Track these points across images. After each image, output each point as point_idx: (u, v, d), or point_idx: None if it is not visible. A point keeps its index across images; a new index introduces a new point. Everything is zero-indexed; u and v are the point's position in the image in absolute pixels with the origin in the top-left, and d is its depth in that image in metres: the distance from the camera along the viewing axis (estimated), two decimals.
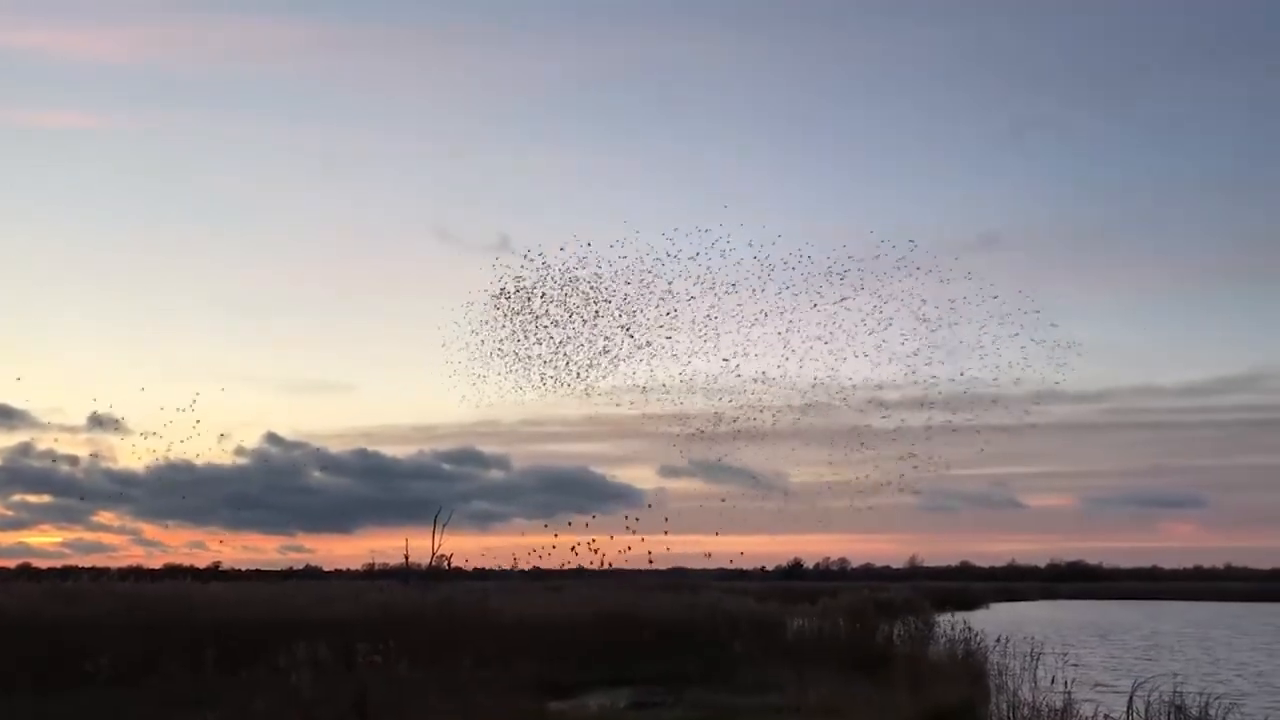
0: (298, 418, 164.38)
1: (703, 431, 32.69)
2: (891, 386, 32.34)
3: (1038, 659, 22.60)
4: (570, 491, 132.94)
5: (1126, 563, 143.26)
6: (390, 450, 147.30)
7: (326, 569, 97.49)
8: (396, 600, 25.40)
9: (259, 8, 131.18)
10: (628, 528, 28.93)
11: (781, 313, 31.69)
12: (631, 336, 31.51)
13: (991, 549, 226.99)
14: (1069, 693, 17.89)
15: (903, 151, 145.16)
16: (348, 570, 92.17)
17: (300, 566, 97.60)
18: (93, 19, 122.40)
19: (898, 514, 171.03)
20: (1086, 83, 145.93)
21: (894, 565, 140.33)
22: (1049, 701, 17.00)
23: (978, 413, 31.84)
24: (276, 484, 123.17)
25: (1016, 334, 31.17)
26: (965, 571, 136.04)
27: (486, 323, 31.44)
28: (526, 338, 31.22)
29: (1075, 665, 23.78)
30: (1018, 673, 21.35)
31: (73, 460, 46.37)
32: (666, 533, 28.80)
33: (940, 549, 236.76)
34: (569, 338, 31.33)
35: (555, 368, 31.38)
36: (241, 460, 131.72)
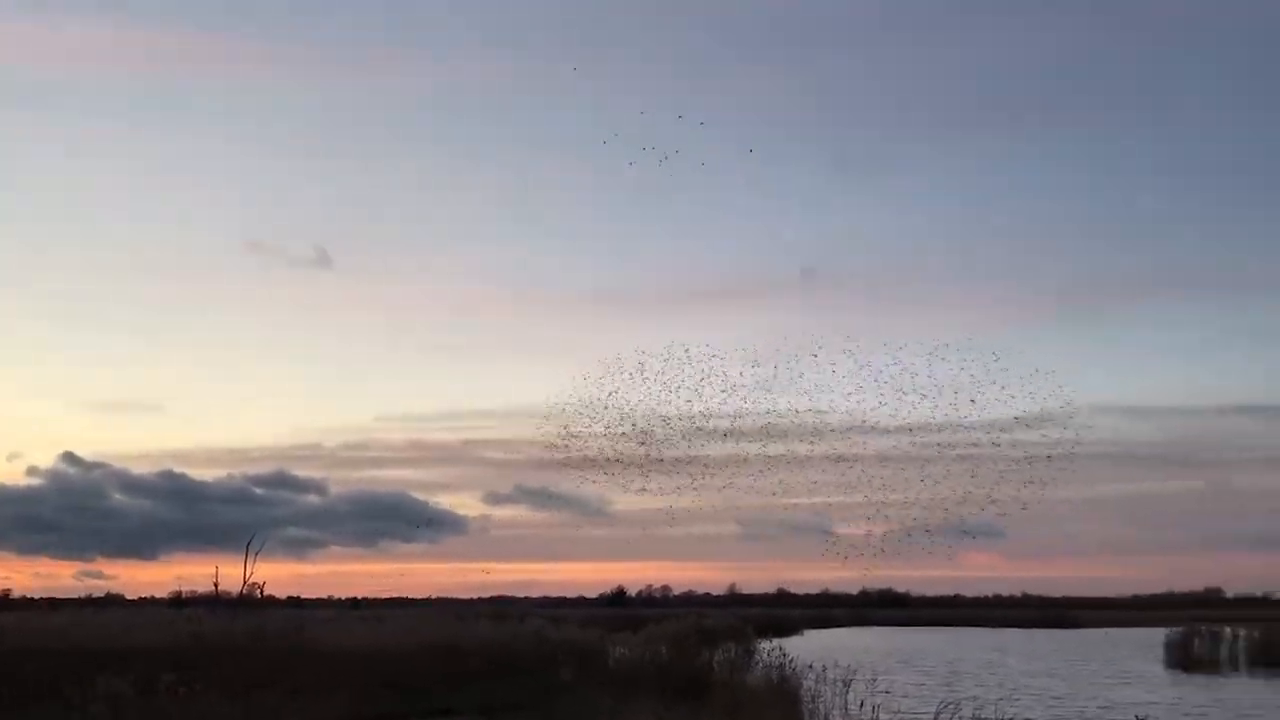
0: (98, 437, 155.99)
1: (529, 459, 32.64)
2: (718, 416, 33.11)
3: (849, 685, 23.38)
4: (390, 518, 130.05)
5: (931, 591, 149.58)
6: (199, 473, 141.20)
7: (130, 597, 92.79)
8: (205, 629, 24.32)
9: (69, 10, 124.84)
10: (450, 555, 28.55)
11: (612, 342, 32.02)
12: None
13: (807, 576, 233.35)
14: (876, 718, 18.59)
15: (728, 188, 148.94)
16: (153, 598, 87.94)
17: (100, 594, 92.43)
18: None
19: (719, 542, 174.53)
20: (912, 123, 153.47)
21: (714, 592, 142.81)
22: None
23: (798, 443, 32.92)
24: (74, 506, 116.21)
25: (839, 367, 32.44)
26: (782, 598, 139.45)
27: None
28: None
29: (885, 691, 24.72)
30: (830, 698, 22.00)
31: None
32: (490, 560, 28.55)
33: (759, 576, 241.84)
34: None
35: None
36: (34, 481, 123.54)
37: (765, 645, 29.59)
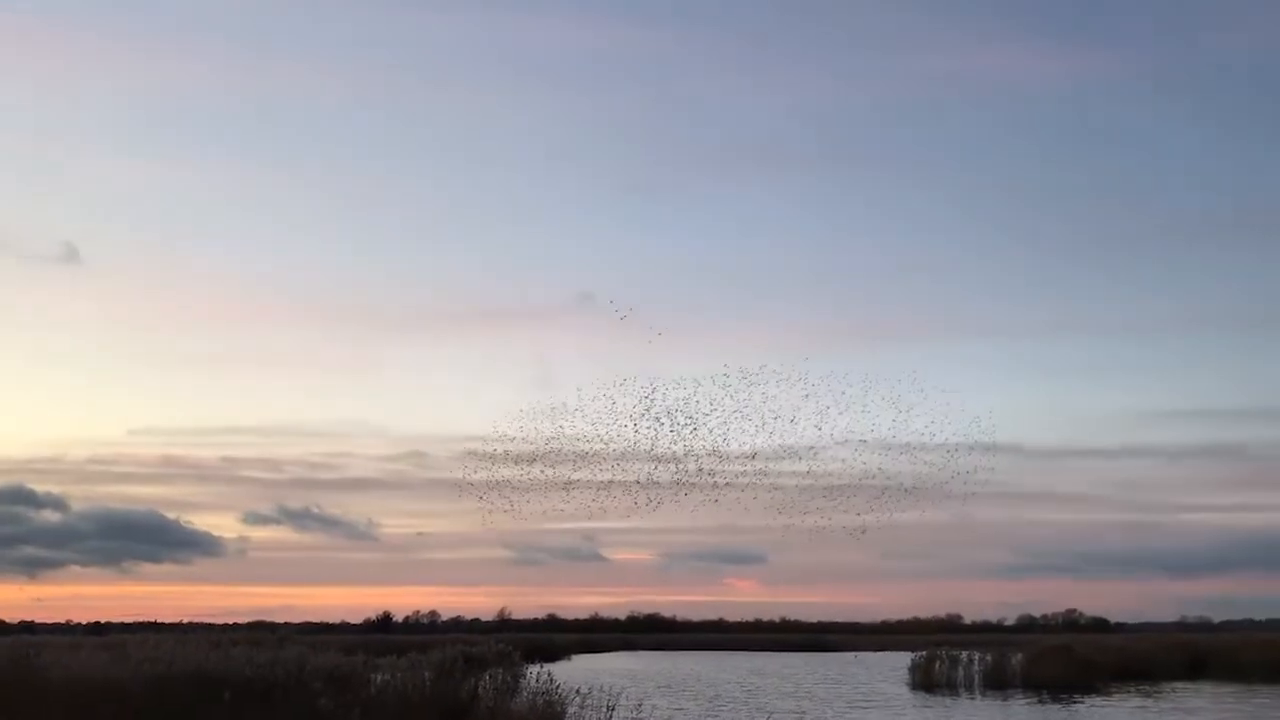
0: None
1: (293, 478, 31.50)
2: (490, 440, 33.01)
3: (612, 709, 23.64)
4: (139, 538, 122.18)
5: (696, 615, 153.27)
6: None
7: None
8: None
9: None
10: (205, 577, 27.18)
11: (385, 361, 31.42)
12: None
13: (577, 601, 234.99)
14: None
15: (513, 214, 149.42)
16: None
17: None
18: None
19: (489, 566, 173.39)
20: (696, 160, 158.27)
21: (484, 617, 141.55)
22: None
23: (570, 468, 33.25)
24: None
25: (611, 394, 32.98)
26: (552, 624, 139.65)
27: None
28: None
29: (648, 716, 25.12)
30: None
31: None
32: (250, 583, 27.34)
33: (529, 601, 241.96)
34: None
35: None
36: None
37: (533, 670, 29.49)
